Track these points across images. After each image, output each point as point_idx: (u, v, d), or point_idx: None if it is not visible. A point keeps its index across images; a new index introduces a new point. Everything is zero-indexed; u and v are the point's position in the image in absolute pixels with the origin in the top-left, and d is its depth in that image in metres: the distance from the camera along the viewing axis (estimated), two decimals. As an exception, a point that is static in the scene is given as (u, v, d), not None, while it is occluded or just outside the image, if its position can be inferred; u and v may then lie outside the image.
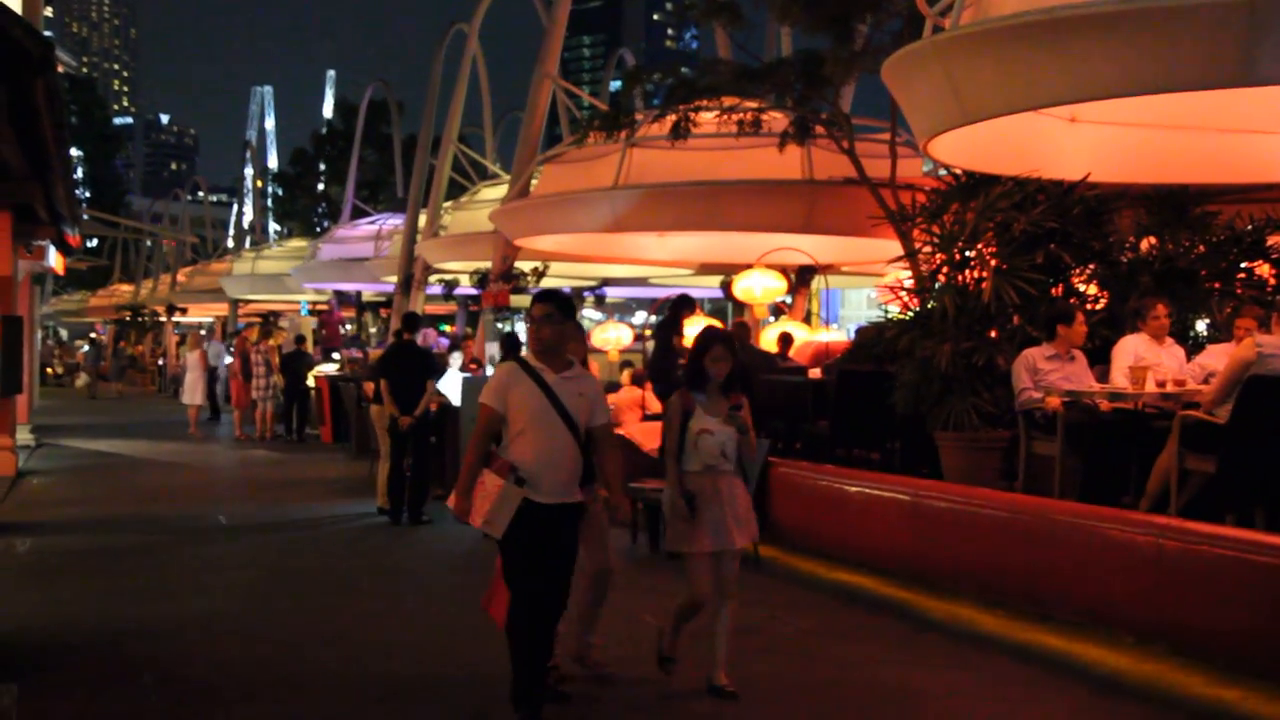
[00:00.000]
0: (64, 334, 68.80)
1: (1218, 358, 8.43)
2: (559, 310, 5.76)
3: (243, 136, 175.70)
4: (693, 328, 15.56)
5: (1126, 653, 6.71)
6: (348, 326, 33.44)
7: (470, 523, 5.65)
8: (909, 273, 11.30)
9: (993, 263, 9.67)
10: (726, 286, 17.37)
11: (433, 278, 24.92)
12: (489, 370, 14.32)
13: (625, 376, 15.67)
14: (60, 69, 9.70)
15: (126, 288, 58.06)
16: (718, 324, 10.87)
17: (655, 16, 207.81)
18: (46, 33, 12.00)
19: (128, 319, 49.99)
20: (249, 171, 65.09)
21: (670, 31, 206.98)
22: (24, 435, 18.62)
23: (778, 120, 13.48)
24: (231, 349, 25.79)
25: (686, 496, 6.16)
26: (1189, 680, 6.24)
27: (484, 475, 5.60)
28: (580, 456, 5.76)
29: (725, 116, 13.07)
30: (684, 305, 13.31)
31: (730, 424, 6.22)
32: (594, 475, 6.23)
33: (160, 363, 43.30)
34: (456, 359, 15.11)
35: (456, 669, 6.97)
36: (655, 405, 14.31)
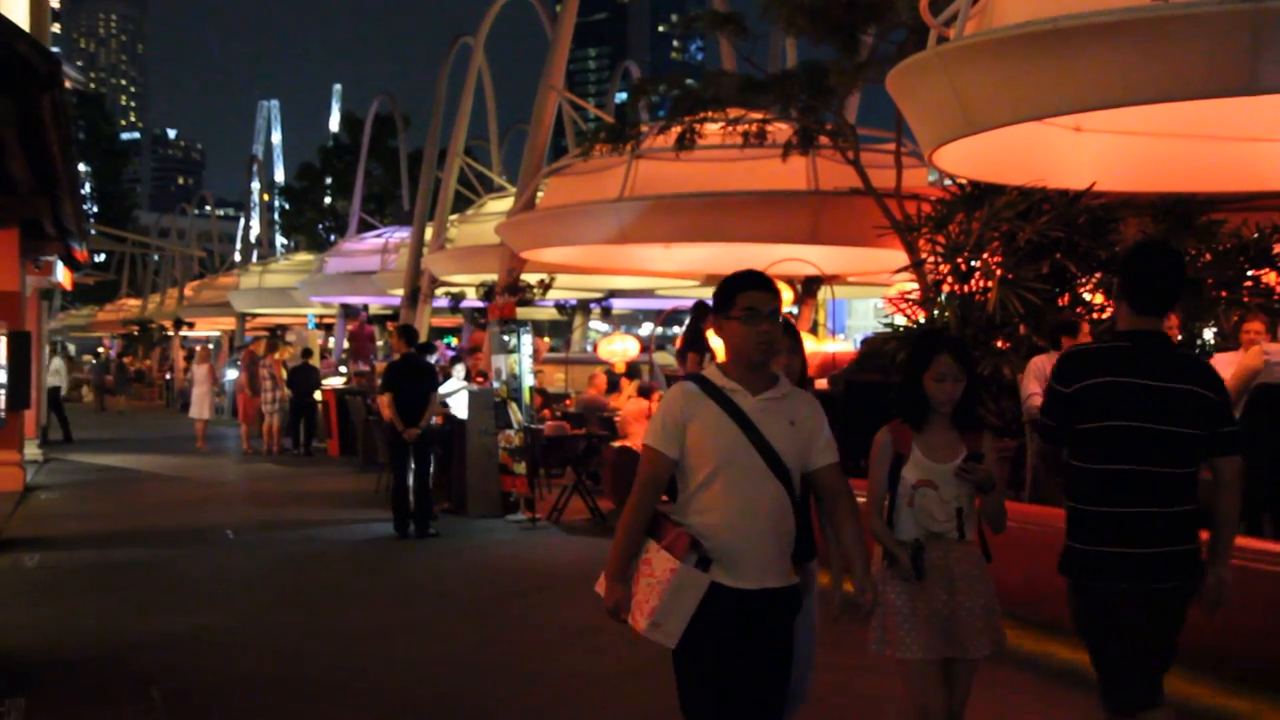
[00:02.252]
0: (72, 349, 68.93)
1: (1225, 366, 8.42)
2: (771, 302, 3.90)
3: (249, 151, 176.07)
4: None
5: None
6: (379, 344, 33.47)
7: (631, 624, 3.90)
8: (915, 283, 11.30)
9: (998, 272, 9.67)
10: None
11: (439, 290, 24.95)
12: (495, 384, 14.30)
13: (632, 387, 15.68)
14: (68, 84, 9.72)
15: (134, 302, 58.24)
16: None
17: (660, 28, 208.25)
18: (54, 48, 12.05)
19: (135, 333, 50.09)
20: (256, 186, 65.15)
21: (675, 43, 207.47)
22: (32, 450, 18.65)
23: (783, 131, 13.50)
24: (238, 363, 25.85)
25: (913, 547, 4.38)
26: (1197, 690, 6.22)
27: (649, 552, 3.86)
28: (794, 516, 3.92)
29: (730, 128, 13.09)
30: (706, 313, 13.21)
31: (967, 475, 4.36)
32: (812, 546, 4.71)
33: (168, 377, 43.37)
34: (459, 370, 15.11)
35: (471, 686, 6.96)
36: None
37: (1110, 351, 4.29)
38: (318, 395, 22.16)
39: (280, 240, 64.30)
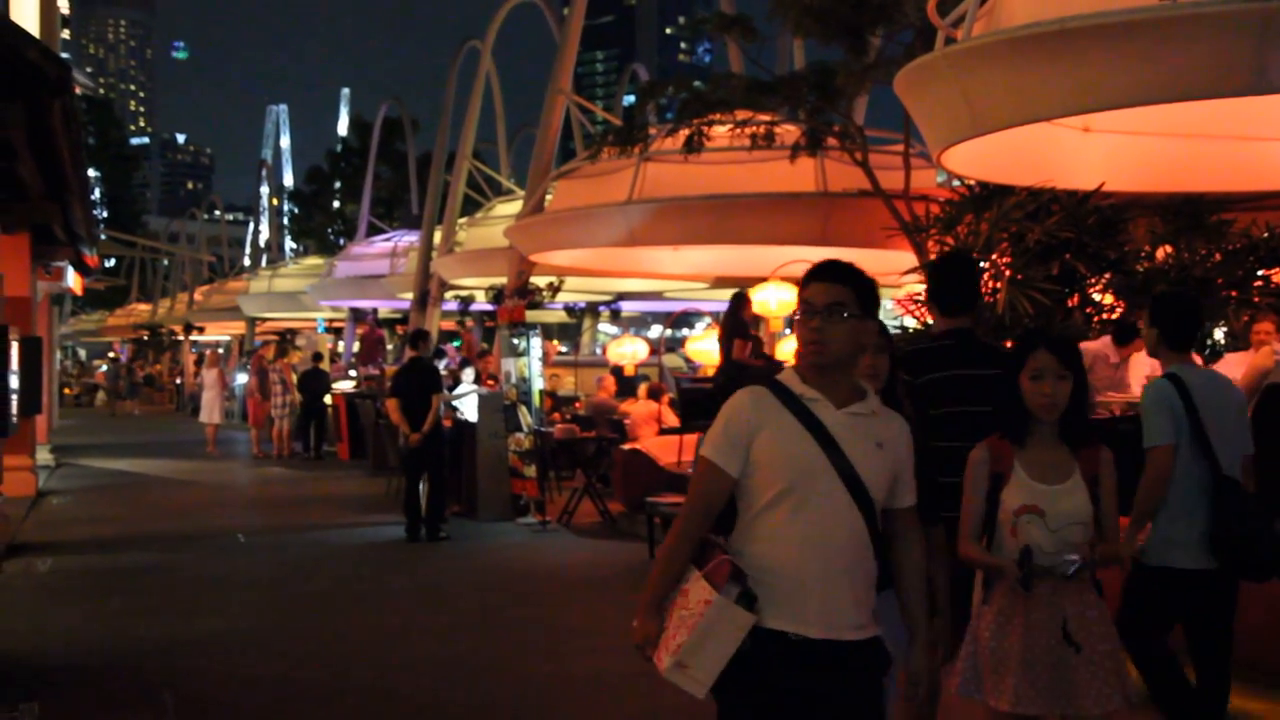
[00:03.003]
0: (82, 354, 69.12)
1: (1235, 366, 8.40)
2: (856, 297, 3.33)
3: (258, 155, 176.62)
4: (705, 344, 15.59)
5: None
6: (389, 348, 33.47)
7: (654, 661, 3.34)
8: (923, 284, 11.28)
9: (1007, 273, 9.65)
10: (740, 301, 17.37)
11: (448, 294, 24.97)
12: (504, 387, 14.31)
13: (642, 390, 15.70)
14: (77, 90, 9.76)
15: (144, 307, 58.34)
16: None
17: (668, 31, 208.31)
18: (64, 55, 12.09)
19: (145, 338, 50.23)
20: (265, 190, 65.24)
21: (683, 46, 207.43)
22: (44, 455, 18.70)
23: (791, 133, 13.49)
24: (248, 367, 25.91)
25: (1022, 556, 3.80)
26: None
27: (689, 581, 3.28)
28: (874, 557, 3.35)
29: (738, 130, 13.08)
30: (744, 303, 13.11)
31: (1072, 493, 3.88)
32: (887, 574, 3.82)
33: (178, 381, 43.46)
34: (469, 374, 15.15)
35: (483, 688, 6.97)
36: (672, 419, 14.34)
37: (942, 350, 5.06)
38: (328, 399, 22.20)
39: (289, 244, 64.50)
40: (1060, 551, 3.81)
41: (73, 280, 20.17)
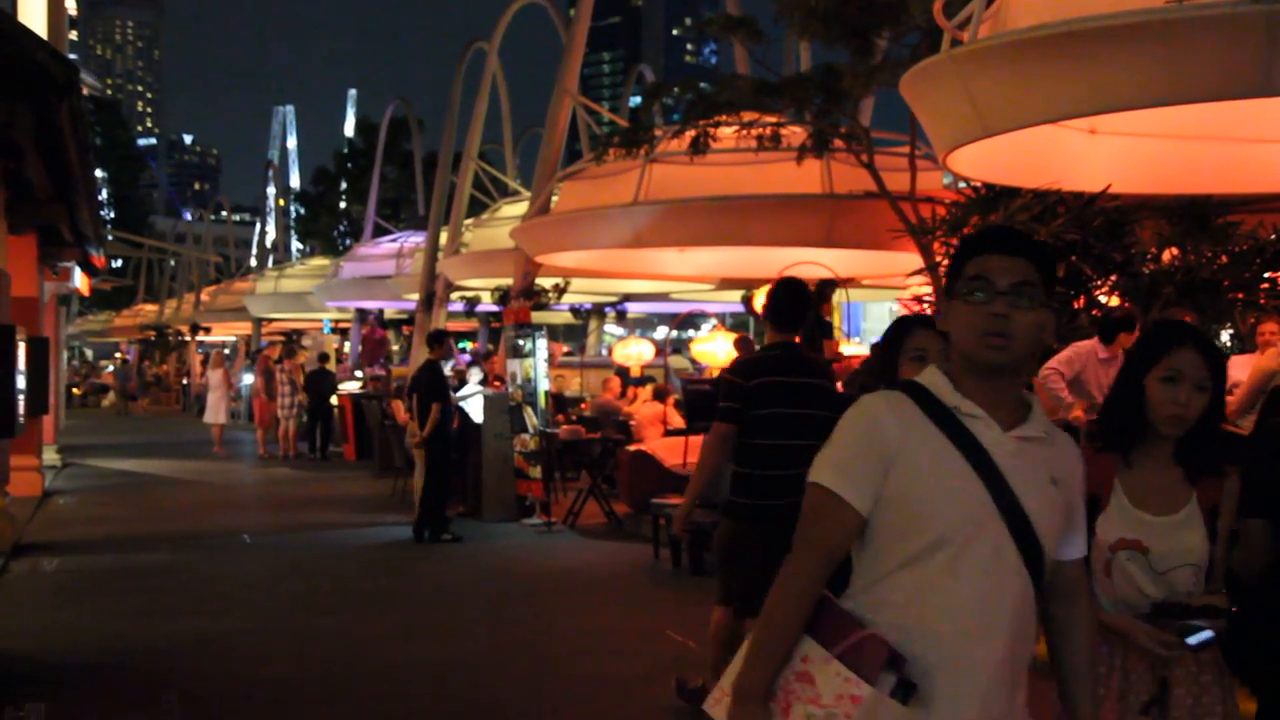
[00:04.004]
0: (89, 354, 69.24)
1: (1241, 368, 8.39)
2: (1041, 278, 2.50)
3: (265, 156, 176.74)
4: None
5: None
6: (395, 348, 33.43)
7: None
8: (929, 286, 11.29)
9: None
10: (748, 301, 17.38)
11: (454, 295, 24.99)
12: (510, 389, 14.30)
13: (648, 391, 15.71)
14: (85, 91, 9.78)
15: (151, 307, 58.43)
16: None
17: (674, 32, 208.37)
18: (71, 56, 12.11)
19: (152, 338, 50.30)
20: (271, 191, 65.49)
21: (689, 47, 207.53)
22: (50, 455, 18.74)
23: (797, 135, 13.49)
24: (253, 367, 25.96)
25: (1158, 610, 3.07)
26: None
27: (808, 661, 2.42)
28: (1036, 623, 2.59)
29: (744, 131, 13.08)
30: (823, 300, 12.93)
31: (1185, 528, 3.14)
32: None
33: (185, 382, 43.53)
34: (476, 374, 15.17)
35: (487, 688, 6.98)
36: (678, 420, 14.34)
37: (771, 359, 5.95)
38: (334, 400, 22.23)
39: (296, 245, 64.53)
40: (1179, 599, 3.05)
41: (79, 281, 20.20)
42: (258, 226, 70.35)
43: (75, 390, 44.29)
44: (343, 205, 58.46)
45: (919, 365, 3.20)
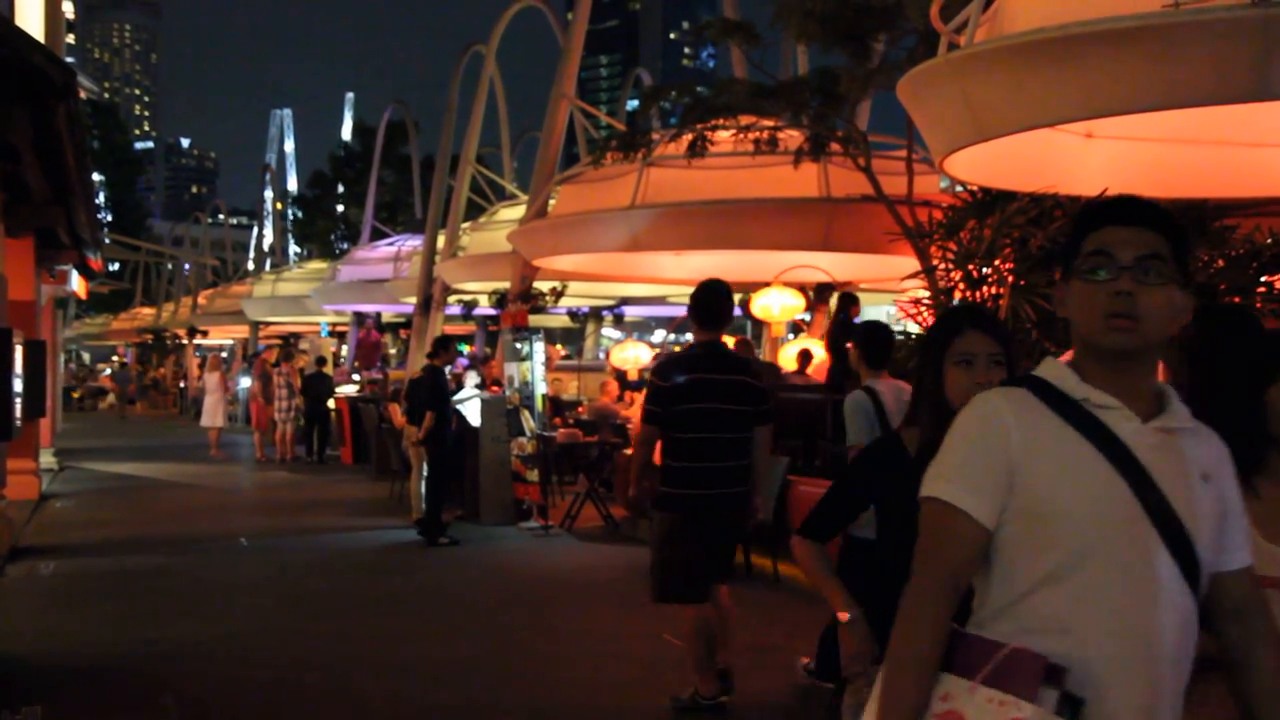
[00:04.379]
0: (86, 357, 69.20)
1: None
2: (1173, 253, 2.23)
3: (262, 160, 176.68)
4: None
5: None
6: (392, 351, 33.41)
7: None
8: (926, 289, 11.30)
9: (1010, 279, 9.66)
10: (745, 305, 17.40)
11: (451, 298, 25.01)
12: (507, 392, 14.31)
13: (640, 397, 15.70)
14: (82, 95, 9.77)
15: (148, 311, 58.43)
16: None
17: (672, 36, 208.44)
18: (69, 59, 12.10)
19: (149, 342, 50.29)
20: (268, 194, 65.46)
21: (687, 51, 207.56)
22: (47, 459, 18.72)
23: (794, 138, 13.51)
24: (250, 371, 25.95)
25: None
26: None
27: (950, 699, 2.13)
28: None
29: (742, 135, 13.10)
30: (852, 305, 13.03)
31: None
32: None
33: (182, 385, 43.54)
34: (473, 378, 15.18)
35: (485, 692, 6.98)
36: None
37: (692, 357, 6.34)
38: (331, 403, 22.22)
39: (293, 248, 64.55)
40: None
41: (77, 284, 20.20)
42: (255, 230, 70.28)
43: (74, 394, 44.31)
44: (340, 209, 58.50)
45: (965, 372, 3.05)
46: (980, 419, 2.21)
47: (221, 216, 69.77)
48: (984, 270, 9.94)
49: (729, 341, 13.83)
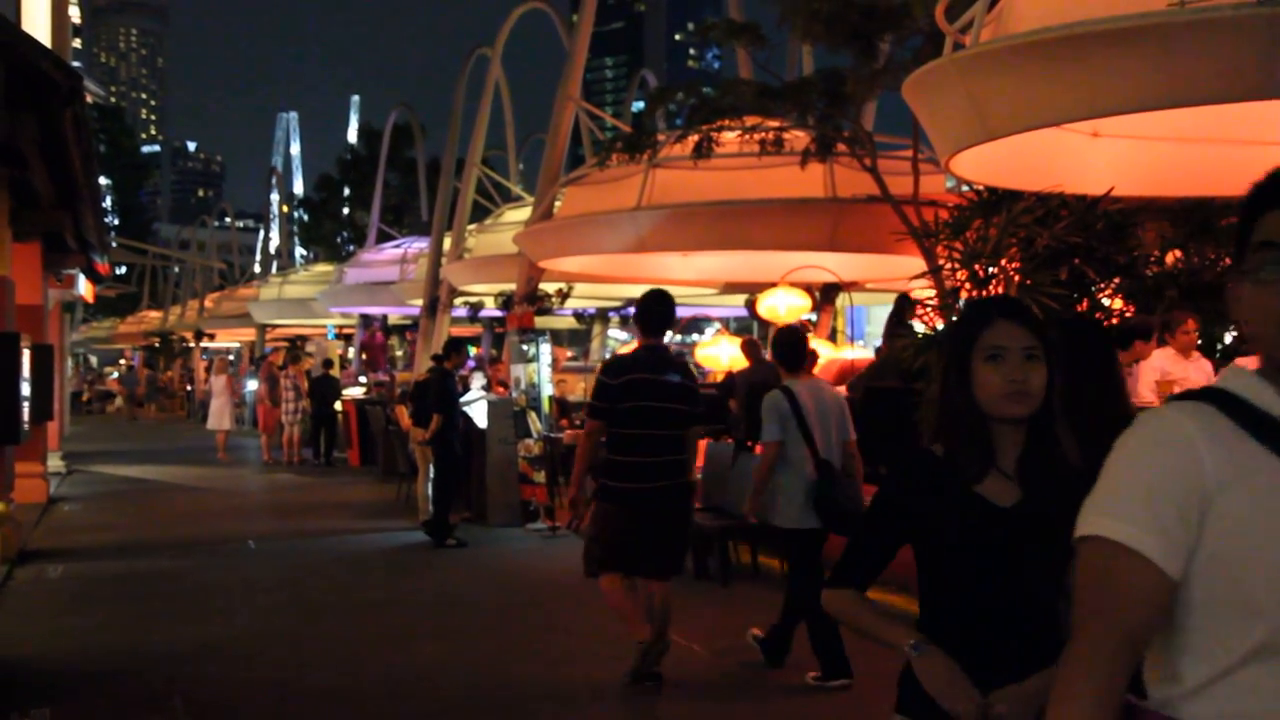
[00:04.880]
0: (94, 361, 69.32)
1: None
2: None
3: (268, 163, 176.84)
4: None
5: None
6: (398, 353, 33.46)
7: None
8: (933, 289, 11.29)
9: (1016, 278, 9.65)
10: (751, 305, 17.39)
11: (458, 300, 25.02)
12: (514, 394, 14.30)
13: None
14: (89, 99, 9.80)
15: (155, 314, 58.51)
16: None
17: (677, 37, 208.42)
18: (75, 64, 12.13)
19: (156, 345, 50.35)
20: (275, 197, 65.42)
21: (692, 52, 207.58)
22: (55, 462, 18.76)
23: (800, 139, 13.50)
24: (257, 374, 25.98)
25: None
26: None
27: None
28: None
29: (747, 136, 13.09)
30: (910, 307, 13.01)
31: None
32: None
33: (189, 388, 43.61)
34: (479, 380, 15.19)
35: (490, 693, 6.98)
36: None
37: (636, 359, 6.88)
38: (338, 406, 22.24)
39: (300, 251, 64.62)
40: None
41: (84, 288, 20.23)
42: (261, 233, 70.38)
43: (83, 398, 44.44)
44: (346, 211, 58.50)
45: (995, 369, 2.54)
46: (1158, 440, 1.72)
47: (228, 220, 69.83)
48: (990, 270, 9.93)
49: (736, 341, 13.92)
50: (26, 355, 11.30)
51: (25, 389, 10.60)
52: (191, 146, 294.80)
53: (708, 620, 8.38)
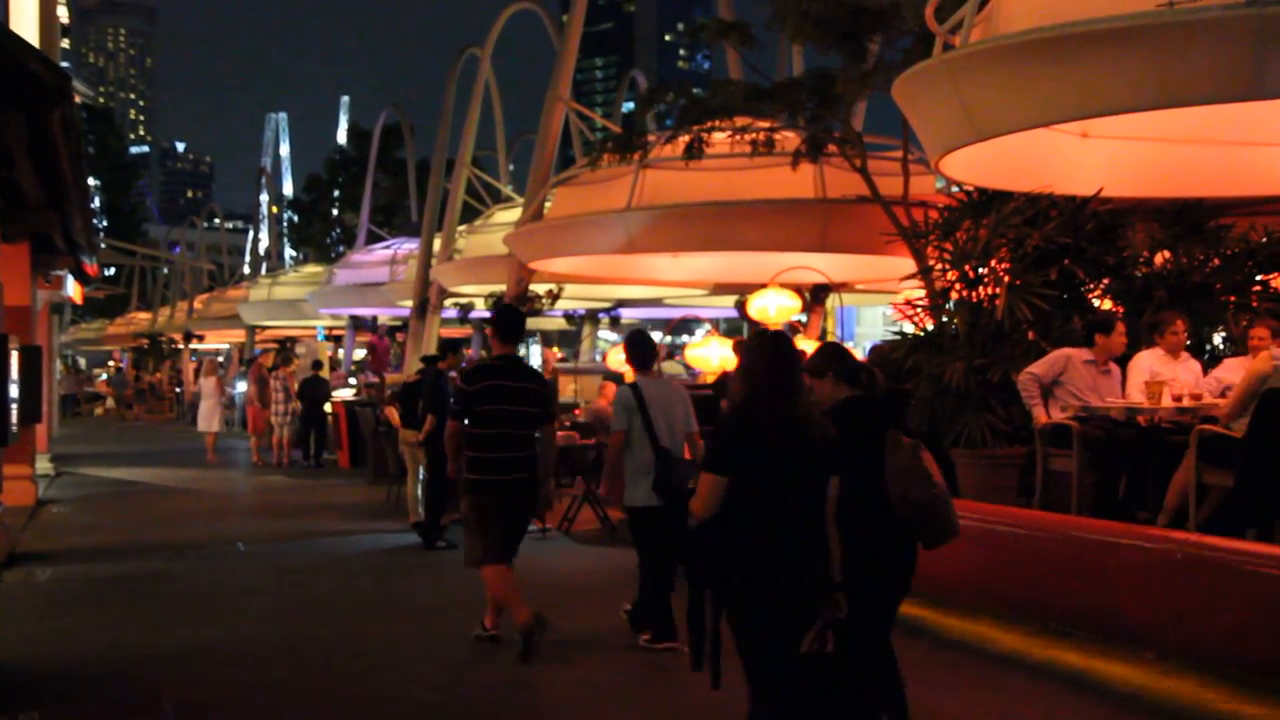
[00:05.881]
0: (83, 362, 69.11)
1: (1234, 371, 8.41)
2: None
3: (257, 163, 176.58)
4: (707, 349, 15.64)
5: (1146, 669, 6.68)
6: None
7: None
8: (923, 290, 11.30)
9: (1006, 279, 9.67)
10: (741, 306, 17.38)
11: (448, 301, 24.98)
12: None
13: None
14: (77, 100, 9.78)
15: (144, 315, 58.33)
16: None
17: (667, 38, 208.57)
18: (64, 64, 12.08)
19: (145, 346, 50.22)
20: (264, 198, 65.28)
21: (682, 52, 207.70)
22: (43, 464, 18.70)
23: (790, 140, 13.51)
24: (247, 375, 25.93)
25: None
26: (1210, 696, 6.21)
27: None
28: None
29: (738, 136, 13.09)
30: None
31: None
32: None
33: (178, 390, 43.51)
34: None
35: (484, 695, 6.97)
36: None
37: (493, 366, 7.84)
38: (328, 407, 22.20)
39: (289, 252, 64.49)
40: None
41: (72, 289, 20.18)
42: (251, 234, 70.22)
43: (88, 405, 44.47)
44: (336, 212, 58.43)
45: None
46: None
47: (217, 221, 69.65)
48: (980, 270, 9.96)
49: (726, 343, 13.94)
50: (15, 357, 11.26)
51: (13, 391, 10.56)
52: (180, 147, 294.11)
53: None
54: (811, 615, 4.44)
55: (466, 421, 7.76)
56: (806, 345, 15.29)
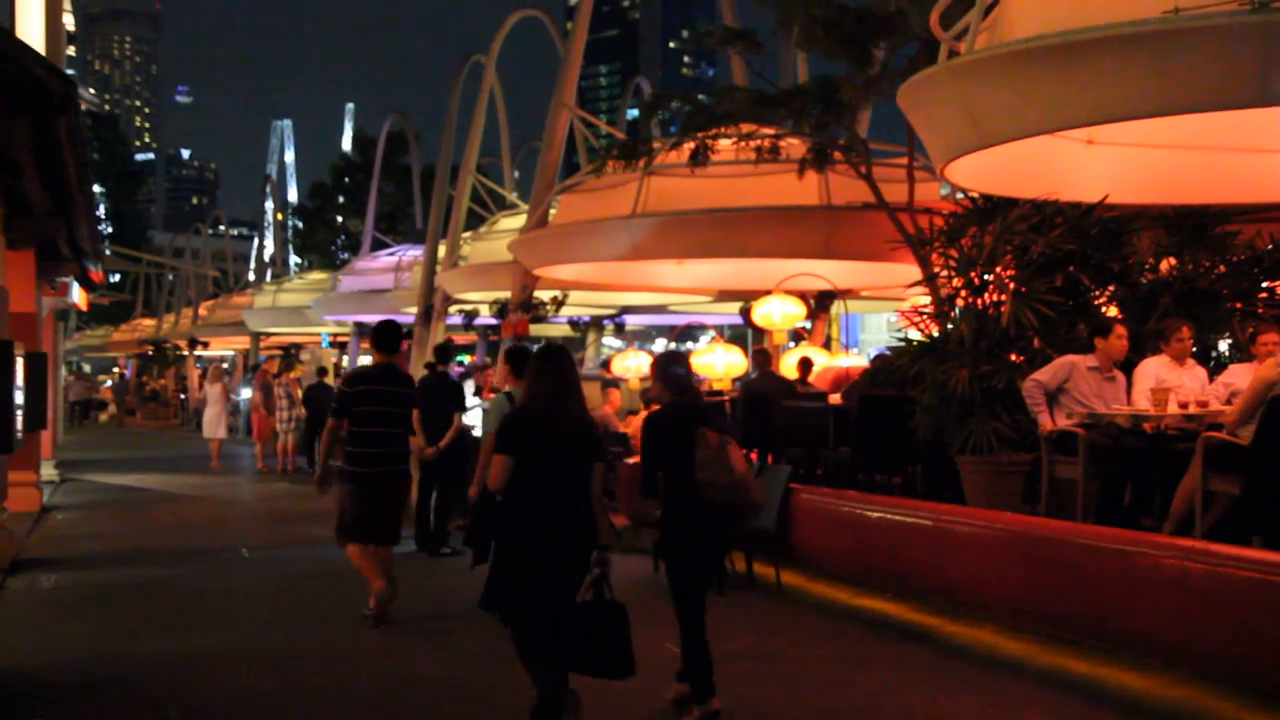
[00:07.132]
0: (88, 369, 69.19)
1: (1240, 378, 8.39)
2: None
3: (263, 170, 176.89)
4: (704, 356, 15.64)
5: (1153, 677, 6.66)
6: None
7: None
8: (928, 297, 11.29)
9: (1011, 286, 9.66)
10: (746, 313, 17.39)
11: (453, 308, 25.01)
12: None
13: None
14: (83, 106, 9.79)
15: (149, 322, 58.41)
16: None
17: (671, 44, 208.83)
18: (69, 71, 12.11)
19: (150, 353, 50.27)
20: (269, 205, 65.50)
21: (687, 59, 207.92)
22: (48, 471, 18.71)
23: (795, 146, 13.52)
24: (251, 382, 25.94)
25: None
26: (1216, 704, 6.18)
27: None
28: None
29: (743, 143, 13.10)
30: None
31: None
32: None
33: (183, 396, 43.55)
34: (469, 387, 15.13)
35: (486, 701, 6.96)
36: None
37: (371, 373, 8.98)
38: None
39: (294, 259, 64.57)
40: None
41: (78, 296, 20.19)
42: (256, 241, 70.35)
43: (101, 415, 44.56)
44: (340, 219, 58.49)
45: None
46: None
47: (222, 228, 69.76)
48: (985, 277, 9.94)
49: (739, 350, 13.98)
50: (20, 363, 11.27)
51: (19, 397, 10.56)
52: (186, 154, 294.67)
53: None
54: (579, 569, 5.67)
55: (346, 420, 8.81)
56: (811, 352, 15.33)
